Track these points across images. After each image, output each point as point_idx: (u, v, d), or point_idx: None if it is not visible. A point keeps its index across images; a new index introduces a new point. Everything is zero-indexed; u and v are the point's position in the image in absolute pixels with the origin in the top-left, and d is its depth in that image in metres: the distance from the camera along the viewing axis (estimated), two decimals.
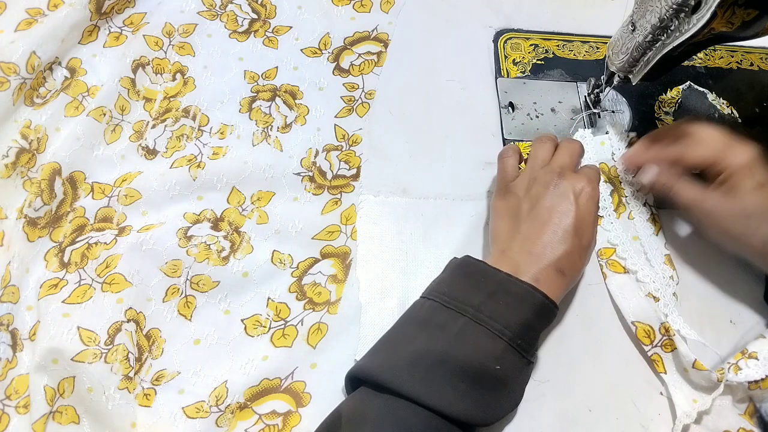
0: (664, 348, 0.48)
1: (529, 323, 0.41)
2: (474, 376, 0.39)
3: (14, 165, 0.51)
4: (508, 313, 0.41)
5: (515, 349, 0.40)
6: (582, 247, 0.45)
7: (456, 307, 0.41)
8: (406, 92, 0.60)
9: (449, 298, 0.42)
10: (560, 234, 0.44)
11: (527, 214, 0.46)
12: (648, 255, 0.52)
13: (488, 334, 0.40)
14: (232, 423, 0.44)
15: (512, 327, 0.40)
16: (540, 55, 0.63)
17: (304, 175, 0.54)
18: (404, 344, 0.41)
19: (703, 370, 0.45)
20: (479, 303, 0.41)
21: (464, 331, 0.40)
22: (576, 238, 0.45)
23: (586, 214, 0.46)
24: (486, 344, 0.40)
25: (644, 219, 0.54)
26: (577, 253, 0.45)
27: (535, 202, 0.46)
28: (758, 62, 0.65)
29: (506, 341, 0.40)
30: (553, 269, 0.43)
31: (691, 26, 0.44)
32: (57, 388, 0.43)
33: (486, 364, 0.39)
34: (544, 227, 0.45)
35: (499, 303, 0.41)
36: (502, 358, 0.40)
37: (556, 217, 0.45)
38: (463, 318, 0.40)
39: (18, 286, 0.47)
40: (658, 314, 0.48)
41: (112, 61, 0.57)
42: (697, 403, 0.46)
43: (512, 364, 0.40)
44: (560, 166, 0.48)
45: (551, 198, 0.46)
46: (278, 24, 0.62)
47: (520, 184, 0.49)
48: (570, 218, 0.45)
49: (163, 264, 0.48)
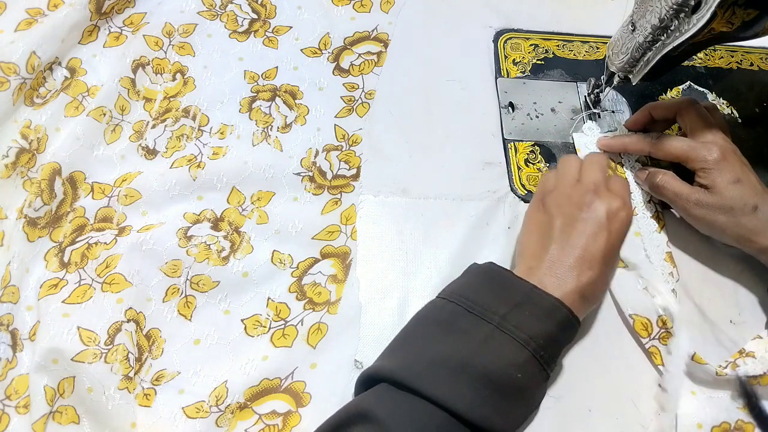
0: (661, 340, 0.48)
1: (554, 337, 0.41)
2: (497, 383, 0.38)
3: (14, 165, 0.51)
4: (533, 325, 0.40)
5: (538, 360, 0.40)
6: (608, 273, 0.45)
7: (481, 314, 0.41)
8: (406, 92, 0.60)
9: (473, 304, 0.42)
10: (589, 260, 0.43)
11: (559, 234, 0.45)
12: (648, 251, 0.52)
13: (513, 344, 0.39)
14: (232, 423, 0.44)
15: (537, 338, 0.40)
16: (540, 55, 0.63)
17: (304, 175, 0.54)
18: (426, 345, 0.41)
19: (701, 363, 0.46)
20: (505, 312, 0.41)
21: (490, 338, 0.40)
22: (604, 265, 0.44)
23: (617, 240, 0.45)
24: (510, 353, 0.39)
25: (648, 216, 0.54)
26: (603, 279, 0.44)
27: (568, 222, 0.45)
28: (758, 62, 0.65)
29: (530, 352, 0.39)
30: (577, 294, 0.42)
31: (691, 26, 0.44)
32: (57, 388, 0.43)
33: (509, 372, 0.39)
34: (574, 251, 0.43)
35: (525, 314, 0.41)
36: (525, 368, 0.39)
37: (587, 241, 0.44)
38: (488, 325, 0.40)
39: (18, 286, 0.47)
40: (656, 307, 0.48)
41: (112, 61, 0.58)
42: (695, 395, 0.46)
43: (533, 376, 0.40)
44: (594, 182, 0.47)
45: (584, 220, 0.45)
46: (278, 24, 0.62)
47: (554, 200, 0.47)
48: (601, 244, 0.44)
49: (163, 264, 0.48)
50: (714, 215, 0.49)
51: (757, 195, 0.48)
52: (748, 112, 0.62)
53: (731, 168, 0.48)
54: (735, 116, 0.62)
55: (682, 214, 0.52)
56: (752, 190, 0.48)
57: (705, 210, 0.49)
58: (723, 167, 0.48)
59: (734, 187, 0.48)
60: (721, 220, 0.49)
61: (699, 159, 0.49)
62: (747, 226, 0.48)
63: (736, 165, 0.49)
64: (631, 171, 0.56)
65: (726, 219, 0.49)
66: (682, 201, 0.50)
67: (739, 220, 0.48)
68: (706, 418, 0.45)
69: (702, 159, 0.49)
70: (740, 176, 0.48)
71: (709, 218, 0.49)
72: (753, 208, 0.48)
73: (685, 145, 0.50)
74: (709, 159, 0.49)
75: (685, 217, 0.52)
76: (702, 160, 0.49)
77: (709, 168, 0.49)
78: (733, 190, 0.48)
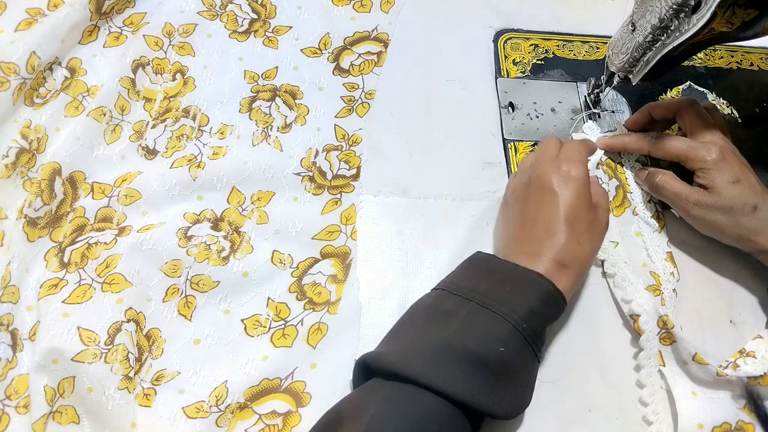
0: (662, 341, 0.48)
1: (535, 309, 0.41)
2: (480, 358, 0.38)
3: (14, 165, 0.51)
4: (514, 299, 0.41)
5: (521, 332, 0.40)
6: (579, 233, 0.44)
7: (463, 294, 0.42)
8: (406, 92, 0.60)
9: (456, 287, 0.43)
10: (552, 228, 0.44)
11: (518, 215, 0.47)
12: (649, 251, 0.52)
13: (493, 317, 0.40)
14: (232, 423, 0.44)
15: (518, 311, 0.40)
16: (540, 55, 0.63)
17: (304, 175, 0.54)
18: (412, 331, 0.42)
19: (702, 364, 0.46)
20: (486, 290, 0.42)
21: (470, 315, 0.40)
22: (569, 227, 0.44)
23: (574, 198, 0.44)
24: (491, 326, 0.40)
25: (648, 216, 0.54)
26: (575, 240, 0.44)
27: (522, 202, 0.47)
28: (758, 62, 0.65)
29: (512, 323, 0.40)
30: (553, 263, 0.43)
31: (691, 26, 0.44)
32: (57, 388, 0.43)
33: (491, 346, 0.39)
34: (534, 226, 0.45)
35: (506, 289, 0.42)
36: (507, 341, 0.39)
37: (543, 212, 0.45)
38: (470, 303, 0.41)
39: (18, 286, 0.47)
40: (657, 308, 0.48)
41: (112, 61, 0.57)
42: (696, 396, 0.46)
43: (518, 351, 0.40)
44: (539, 161, 0.47)
45: (534, 194, 0.46)
46: (278, 24, 0.62)
47: (511, 191, 0.50)
48: (557, 209, 0.44)
49: (163, 264, 0.48)
50: (713, 215, 0.49)
51: (757, 195, 0.48)
52: (748, 112, 0.62)
53: (730, 168, 0.48)
54: (735, 116, 0.62)
55: (682, 214, 0.52)
56: (751, 190, 0.48)
57: (704, 210, 0.49)
58: (722, 167, 0.48)
59: (733, 187, 0.48)
60: (720, 220, 0.49)
61: (698, 159, 0.49)
62: (746, 226, 0.48)
63: (736, 165, 0.49)
64: (631, 171, 0.56)
65: (725, 219, 0.49)
66: (682, 201, 0.50)
67: (738, 220, 0.48)
68: (706, 418, 0.45)
69: (701, 159, 0.49)
70: (739, 176, 0.48)
71: (708, 218, 0.49)
72: (752, 208, 0.48)
73: (684, 145, 0.50)
74: (708, 159, 0.49)
75: (685, 217, 0.52)
76: (701, 160, 0.49)
77: (708, 168, 0.49)
78: (732, 190, 0.48)
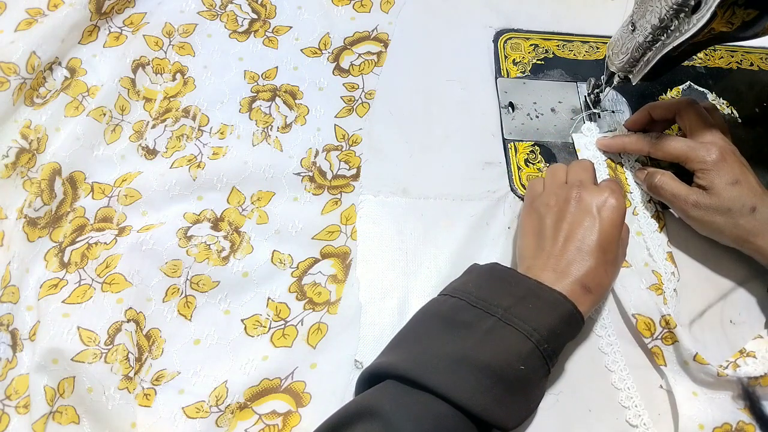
0: (664, 341, 0.48)
1: (557, 330, 0.41)
2: (500, 374, 0.38)
3: (14, 165, 0.51)
4: (537, 317, 0.40)
5: (541, 353, 0.40)
6: (608, 262, 0.45)
7: (484, 308, 0.41)
8: (406, 92, 0.60)
9: (476, 298, 0.42)
10: (585, 250, 0.44)
11: (551, 230, 0.46)
12: (650, 251, 0.52)
13: (517, 335, 0.40)
14: (232, 423, 0.44)
15: (540, 330, 0.40)
16: (540, 55, 0.63)
17: (304, 175, 0.54)
18: (429, 339, 0.41)
19: (703, 364, 0.46)
20: (509, 305, 0.41)
21: (493, 330, 0.40)
22: (601, 254, 0.44)
23: (611, 227, 0.45)
24: (513, 344, 0.39)
25: (648, 215, 0.54)
26: (603, 268, 0.44)
27: (558, 218, 0.46)
28: (758, 62, 0.65)
29: (534, 343, 0.39)
30: (578, 286, 0.43)
31: (691, 26, 0.44)
32: (57, 388, 0.43)
33: (512, 363, 0.39)
34: (567, 244, 0.44)
35: (529, 306, 0.41)
36: (528, 360, 0.39)
37: (579, 232, 0.45)
38: (491, 318, 0.40)
39: (18, 286, 0.47)
40: (659, 307, 0.48)
41: (112, 61, 0.57)
42: (697, 396, 0.46)
43: (535, 369, 0.40)
44: (579, 180, 0.48)
45: (573, 213, 0.46)
46: (278, 24, 0.62)
47: (543, 200, 0.48)
48: (594, 233, 0.44)
49: (163, 264, 0.48)
50: (712, 216, 0.49)
51: (756, 196, 0.48)
52: (748, 112, 0.62)
53: (730, 169, 0.48)
54: (735, 116, 0.62)
55: (680, 215, 0.52)
56: (751, 192, 0.48)
57: (703, 211, 0.49)
58: (722, 168, 0.48)
59: (732, 188, 0.48)
60: (719, 221, 0.49)
61: (698, 160, 0.49)
62: (745, 227, 0.48)
63: (735, 166, 0.49)
64: (630, 171, 0.56)
65: (724, 220, 0.48)
66: (680, 202, 0.50)
67: (737, 221, 0.48)
68: (707, 419, 0.45)
69: (701, 160, 0.49)
70: (739, 177, 0.48)
71: (706, 219, 0.49)
72: (751, 209, 0.48)
73: (684, 145, 0.50)
74: (707, 160, 0.49)
75: (684, 218, 0.52)
76: (701, 161, 0.49)
77: (708, 169, 0.49)
78: (732, 191, 0.48)
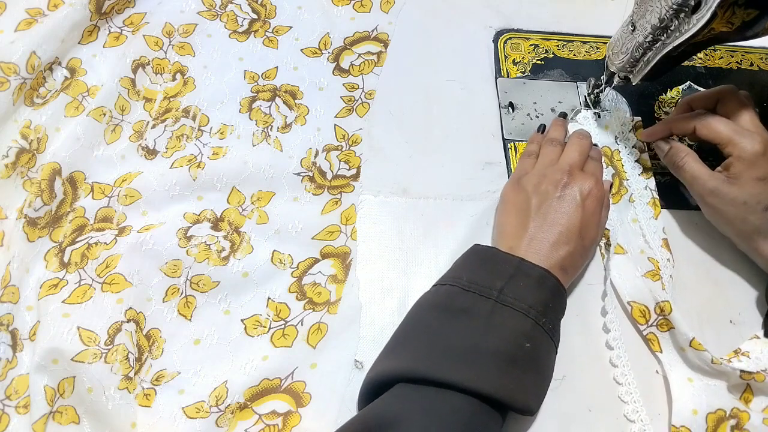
0: (659, 327, 0.48)
1: (549, 304, 0.43)
2: (512, 356, 0.39)
3: (14, 165, 0.51)
4: (529, 294, 0.42)
5: (541, 327, 0.41)
6: (584, 247, 0.48)
7: (478, 291, 0.42)
8: (406, 92, 0.60)
9: (468, 282, 0.43)
10: (566, 235, 0.46)
11: (535, 212, 0.47)
12: (647, 237, 0.52)
13: (516, 314, 0.41)
14: (232, 423, 0.44)
15: (536, 306, 0.42)
16: (540, 55, 0.63)
17: (304, 175, 0.54)
18: (432, 334, 0.41)
19: (699, 350, 0.46)
20: (502, 286, 0.42)
21: (492, 314, 0.41)
22: (580, 239, 0.47)
23: (591, 215, 0.48)
24: (516, 324, 0.41)
25: (644, 202, 0.54)
26: (580, 252, 0.47)
27: (544, 200, 0.48)
28: (758, 62, 0.65)
29: (533, 320, 0.41)
30: (557, 268, 0.45)
31: (691, 26, 0.44)
32: (57, 388, 0.43)
33: (519, 342, 0.40)
34: (551, 228, 0.46)
35: (519, 285, 0.42)
36: (532, 336, 0.41)
37: (563, 218, 0.47)
38: (488, 301, 0.41)
39: (18, 286, 0.47)
40: (654, 294, 0.49)
41: (112, 61, 0.57)
42: (692, 382, 0.46)
43: (540, 344, 0.41)
44: (569, 164, 0.50)
45: (560, 198, 0.47)
46: (278, 24, 0.62)
47: (530, 179, 0.50)
48: (576, 220, 0.47)
49: (163, 264, 0.48)
50: (725, 206, 0.49)
51: None
52: None
53: (763, 164, 0.48)
54: None
55: (695, 197, 0.52)
56: None
57: (718, 199, 0.49)
58: (758, 161, 0.48)
59: (756, 183, 0.48)
60: (731, 212, 0.49)
61: (740, 146, 0.48)
62: (754, 223, 0.48)
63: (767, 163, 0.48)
64: (628, 157, 0.56)
65: (735, 212, 0.48)
66: (699, 186, 0.50)
67: (747, 216, 0.48)
68: (701, 404, 0.45)
69: (743, 147, 0.48)
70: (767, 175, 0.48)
71: (720, 208, 0.49)
72: (765, 207, 0.47)
73: (730, 129, 0.49)
74: (749, 150, 0.48)
75: (697, 200, 0.52)
76: (742, 149, 0.48)
77: (745, 158, 0.48)
78: (756, 186, 0.48)
